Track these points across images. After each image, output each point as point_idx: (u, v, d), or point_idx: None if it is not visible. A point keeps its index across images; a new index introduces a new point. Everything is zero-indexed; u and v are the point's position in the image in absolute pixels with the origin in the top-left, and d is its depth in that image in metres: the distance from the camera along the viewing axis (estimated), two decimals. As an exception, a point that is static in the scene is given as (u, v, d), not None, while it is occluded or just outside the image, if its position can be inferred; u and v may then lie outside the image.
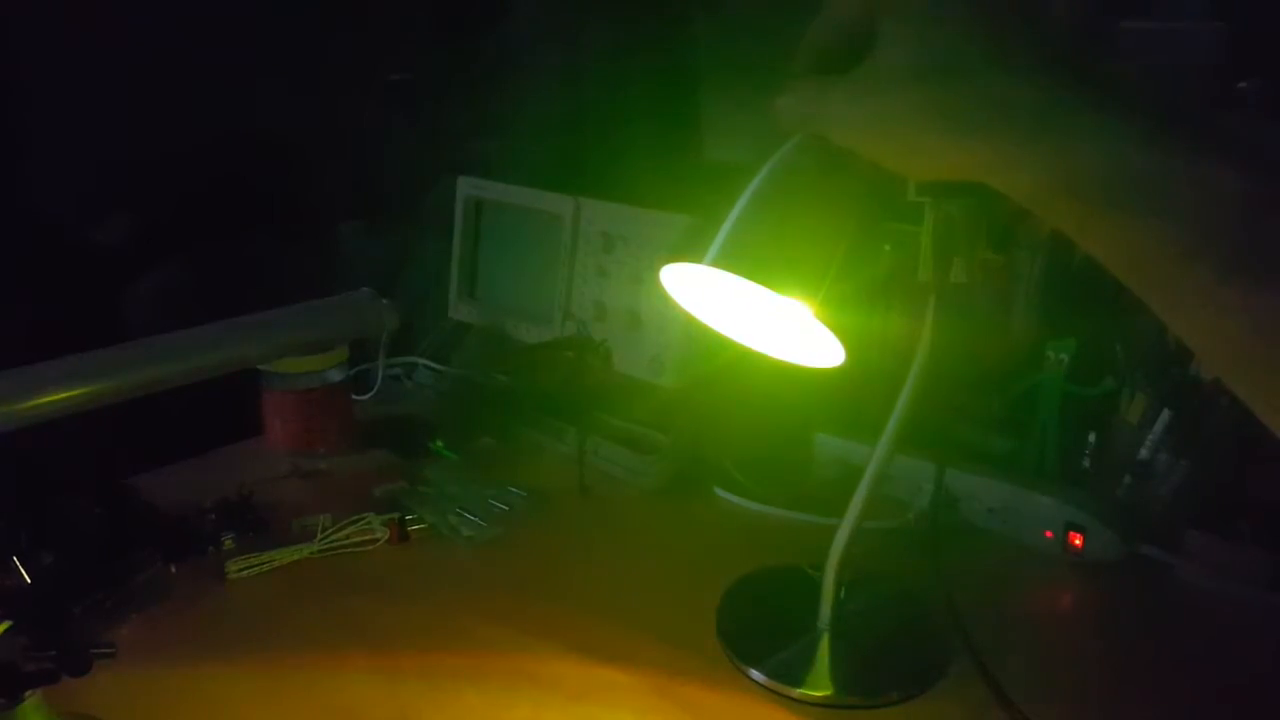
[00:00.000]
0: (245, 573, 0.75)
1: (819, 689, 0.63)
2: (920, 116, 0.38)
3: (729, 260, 0.48)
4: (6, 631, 0.60)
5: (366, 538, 0.80)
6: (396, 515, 0.81)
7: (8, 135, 0.92)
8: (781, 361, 0.58)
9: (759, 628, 0.69)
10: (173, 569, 0.74)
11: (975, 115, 0.36)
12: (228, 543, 0.78)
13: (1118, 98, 0.35)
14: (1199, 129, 0.34)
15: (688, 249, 0.50)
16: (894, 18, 0.39)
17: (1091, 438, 0.80)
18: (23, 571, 0.66)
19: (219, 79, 1.01)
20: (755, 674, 0.64)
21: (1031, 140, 0.35)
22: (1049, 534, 0.77)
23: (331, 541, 0.79)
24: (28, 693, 0.58)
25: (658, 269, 0.55)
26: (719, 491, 0.88)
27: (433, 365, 1.10)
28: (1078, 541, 0.75)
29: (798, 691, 0.63)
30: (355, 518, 0.81)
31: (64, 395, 0.74)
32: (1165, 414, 0.75)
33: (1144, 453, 0.76)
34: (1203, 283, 0.32)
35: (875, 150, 0.41)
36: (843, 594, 0.67)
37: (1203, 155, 0.33)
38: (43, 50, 0.93)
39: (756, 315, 0.55)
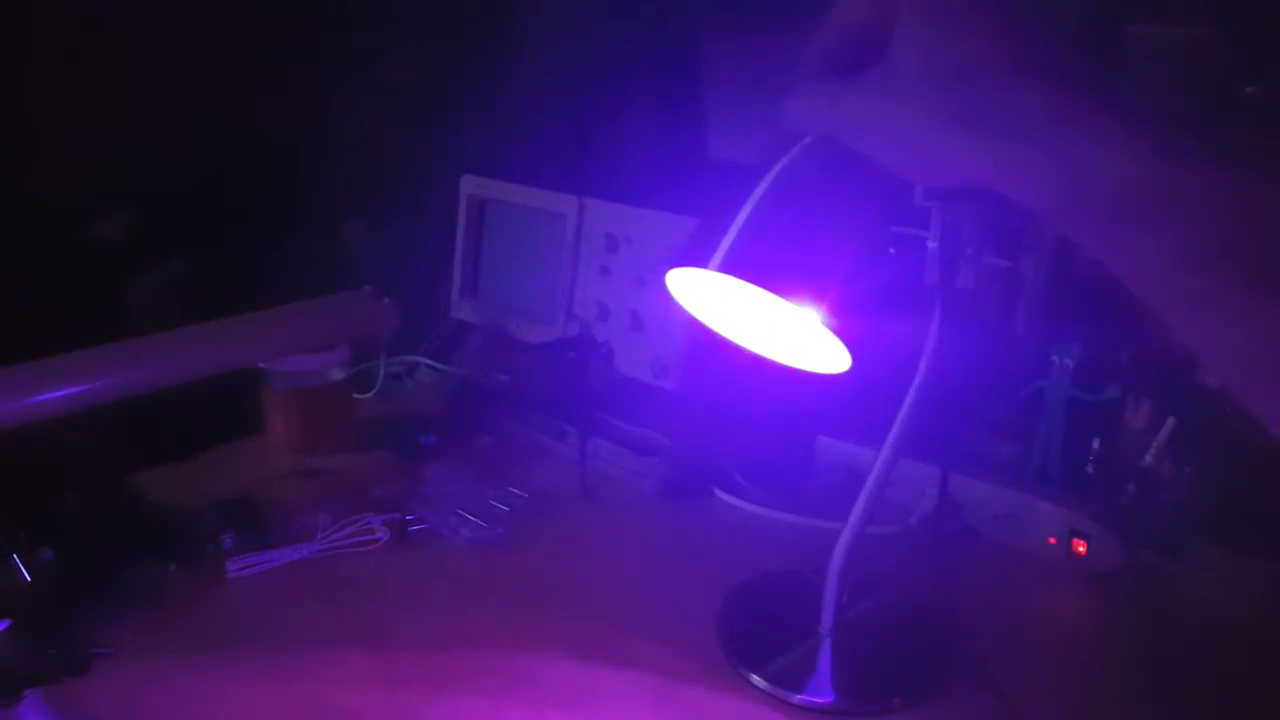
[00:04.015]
0: (245, 572, 0.75)
1: (821, 695, 0.63)
2: (935, 121, 0.37)
3: (735, 265, 0.48)
4: (6, 630, 0.60)
5: (367, 538, 0.79)
6: (397, 515, 0.81)
7: (7, 132, 0.91)
8: (786, 365, 0.57)
9: (760, 632, 0.69)
10: (172, 568, 0.74)
11: (989, 122, 0.36)
12: (227, 542, 0.77)
13: (1131, 107, 0.34)
14: (1212, 138, 0.33)
15: (693, 252, 0.50)
16: (910, 20, 0.39)
17: (1096, 444, 0.80)
18: (23, 570, 0.66)
19: (221, 75, 1.01)
20: (756, 679, 0.64)
21: (1045, 149, 0.35)
22: (1052, 540, 0.77)
23: (332, 541, 0.79)
24: (26, 692, 0.58)
25: (661, 270, 0.55)
26: (721, 494, 0.88)
27: (434, 364, 1.10)
28: (1081, 548, 0.75)
29: (799, 697, 0.63)
30: (355, 517, 0.81)
31: (65, 393, 0.74)
32: (1170, 421, 0.75)
33: (1148, 460, 0.76)
34: (1219, 296, 0.32)
35: (887, 154, 0.41)
36: (845, 599, 0.66)
37: (1218, 165, 0.32)
38: (42, 46, 0.93)
39: (762, 320, 0.55)
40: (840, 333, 0.50)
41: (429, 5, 1.17)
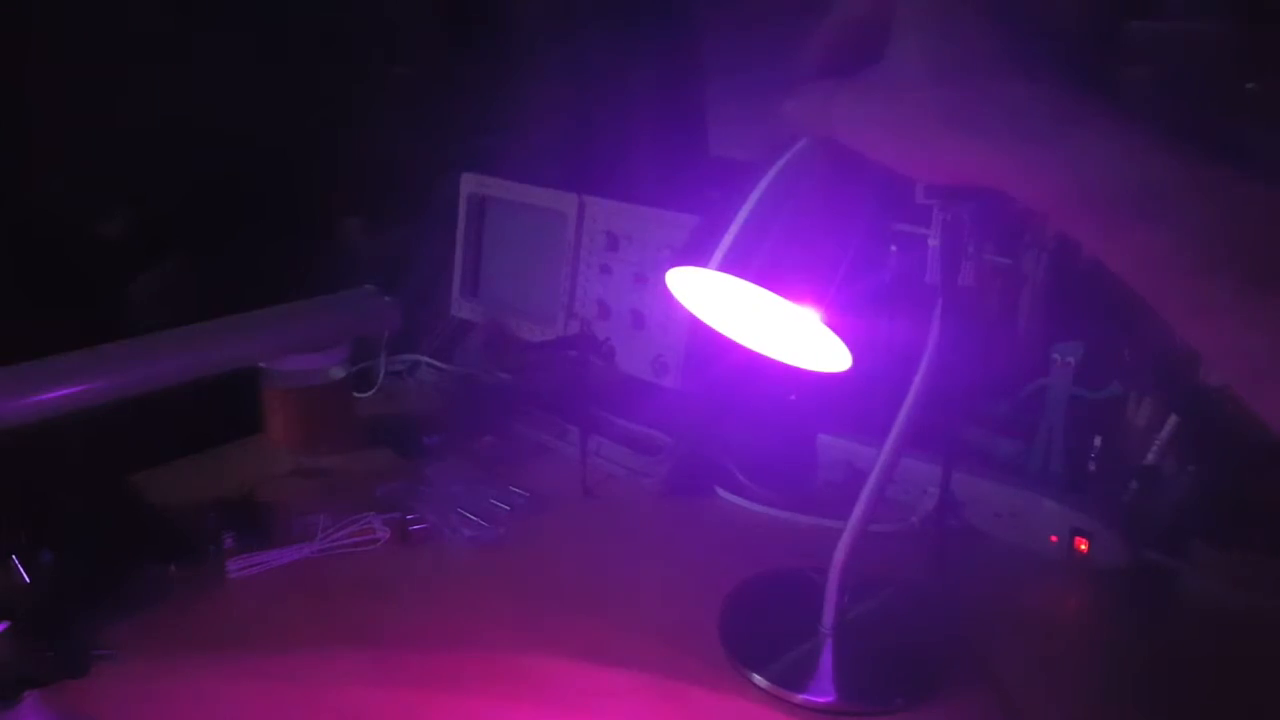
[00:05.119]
0: (245, 572, 0.75)
1: (822, 694, 0.63)
2: (934, 121, 0.37)
3: (735, 265, 0.47)
4: (5, 631, 0.60)
5: (367, 537, 0.79)
6: (398, 515, 0.81)
7: (8, 131, 0.91)
8: (787, 364, 0.57)
9: (762, 631, 0.68)
10: (172, 569, 0.74)
11: (991, 120, 0.36)
12: (227, 542, 0.77)
13: (1133, 104, 0.34)
14: (1215, 136, 0.33)
15: (693, 251, 0.50)
16: (907, 19, 0.38)
17: (1098, 442, 0.79)
18: (22, 571, 0.66)
19: (220, 72, 1.00)
20: (758, 678, 0.64)
21: (1047, 147, 0.34)
22: (1054, 538, 0.76)
23: (332, 541, 0.78)
24: (26, 693, 0.58)
25: (662, 268, 0.54)
26: (722, 493, 0.88)
27: (435, 363, 1.10)
28: (1083, 546, 0.75)
29: (800, 697, 0.62)
30: (356, 517, 0.81)
31: (65, 393, 0.74)
32: (1172, 419, 0.75)
33: (1151, 458, 0.75)
34: (1226, 296, 0.32)
35: (887, 154, 0.40)
36: (847, 598, 0.66)
37: (1222, 164, 0.32)
38: (42, 46, 0.93)
39: (762, 318, 0.55)
40: (841, 332, 0.50)
41: (429, 3, 1.17)
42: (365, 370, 1.02)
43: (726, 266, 0.47)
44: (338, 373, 0.95)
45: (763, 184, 0.47)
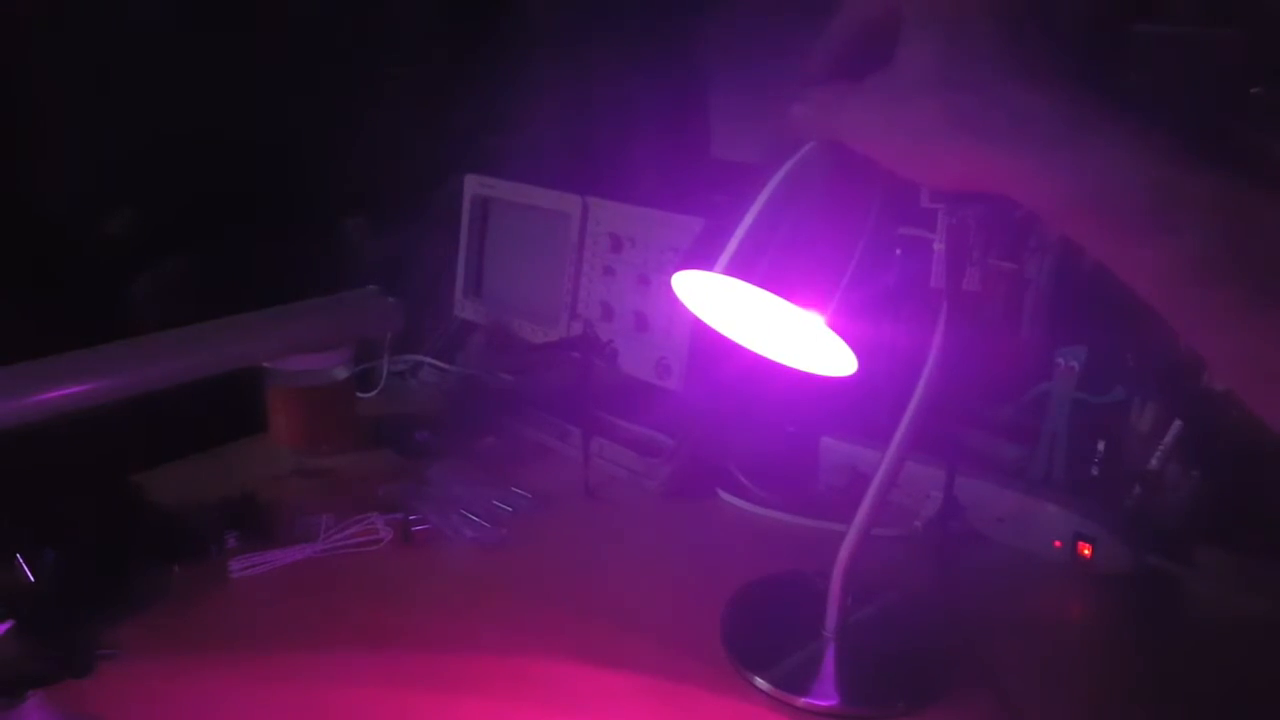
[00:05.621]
0: (247, 572, 0.75)
1: (825, 698, 0.63)
2: (942, 125, 0.37)
3: (740, 268, 0.47)
4: (9, 631, 0.60)
5: (370, 537, 0.79)
6: (400, 515, 0.81)
7: (9, 130, 0.91)
8: (791, 368, 0.57)
9: (764, 635, 0.68)
10: (175, 568, 0.74)
11: (999, 125, 0.36)
12: (230, 542, 0.77)
13: (1140, 111, 0.34)
14: (1222, 143, 0.33)
15: (698, 254, 0.50)
16: (916, 23, 0.38)
17: (1101, 447, 0.79)
18: (26, 570, 0.66)
19: (223, 72, 1.00)
20: (760, 682, 0.64)
21: (1054, 153, 0.34)
22: (1058, 544, 0.76)
23: (335, 541, 0.78)
24: (29, 693, 0.58)
25: (665, 270, 0.54)
26: (724, 495, 0.88)
27: (438, 364, 1.10)
28: (1086, 551, 0.75)
29: (803, 700, 0.62)
30: (358, 517, 0.81)
31: (68, 392, 0.74)
32: (1176, 424, 0.74)
33: (1154, 463, 0.75)
34: (1235, 305, 0.32)
35: (894, 159, 0.40)
36: (849, 602, 0.66)
37: (1228, 172, 0.32)
38: (43, 44, 0.93)
39: (767, 322, 0.55)
40: (846, 336, 0.50)
41: (434, 3, 1.17)
42: (368, 371, 1.02)
43: (732, 270, 0.47)
44: (341, 373, 0.95)
45: (769, 187, 0.47)
